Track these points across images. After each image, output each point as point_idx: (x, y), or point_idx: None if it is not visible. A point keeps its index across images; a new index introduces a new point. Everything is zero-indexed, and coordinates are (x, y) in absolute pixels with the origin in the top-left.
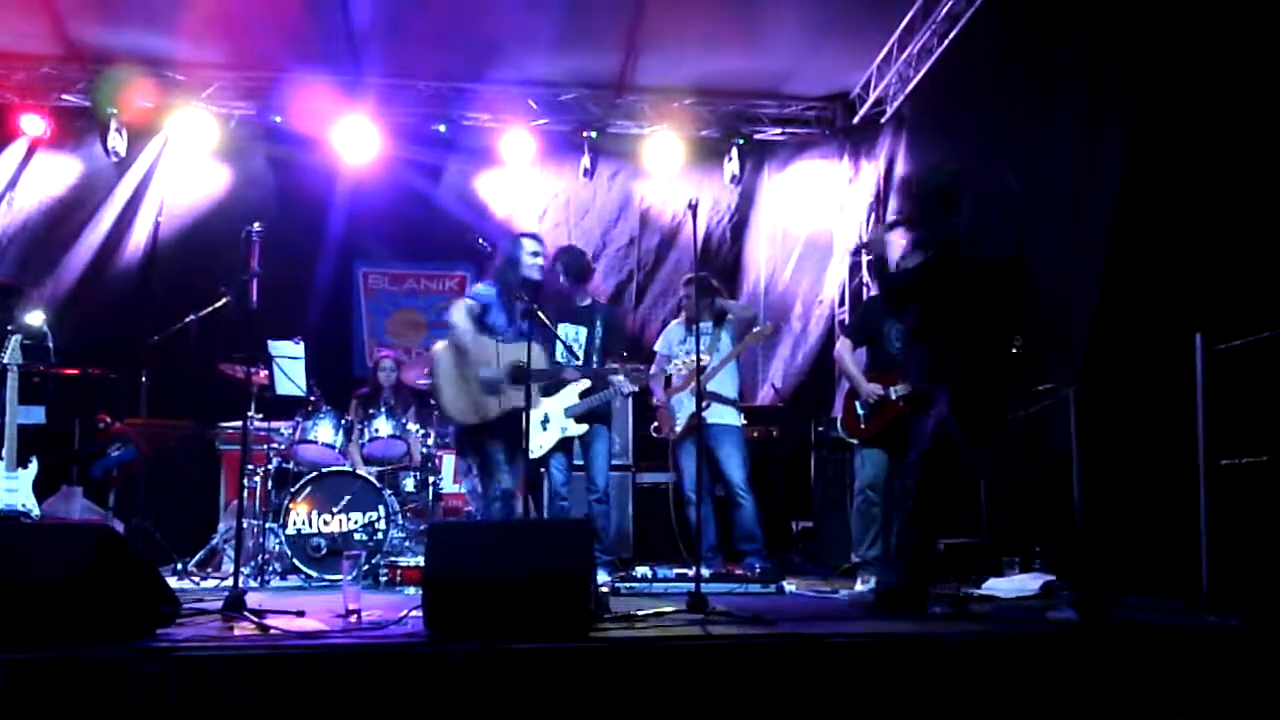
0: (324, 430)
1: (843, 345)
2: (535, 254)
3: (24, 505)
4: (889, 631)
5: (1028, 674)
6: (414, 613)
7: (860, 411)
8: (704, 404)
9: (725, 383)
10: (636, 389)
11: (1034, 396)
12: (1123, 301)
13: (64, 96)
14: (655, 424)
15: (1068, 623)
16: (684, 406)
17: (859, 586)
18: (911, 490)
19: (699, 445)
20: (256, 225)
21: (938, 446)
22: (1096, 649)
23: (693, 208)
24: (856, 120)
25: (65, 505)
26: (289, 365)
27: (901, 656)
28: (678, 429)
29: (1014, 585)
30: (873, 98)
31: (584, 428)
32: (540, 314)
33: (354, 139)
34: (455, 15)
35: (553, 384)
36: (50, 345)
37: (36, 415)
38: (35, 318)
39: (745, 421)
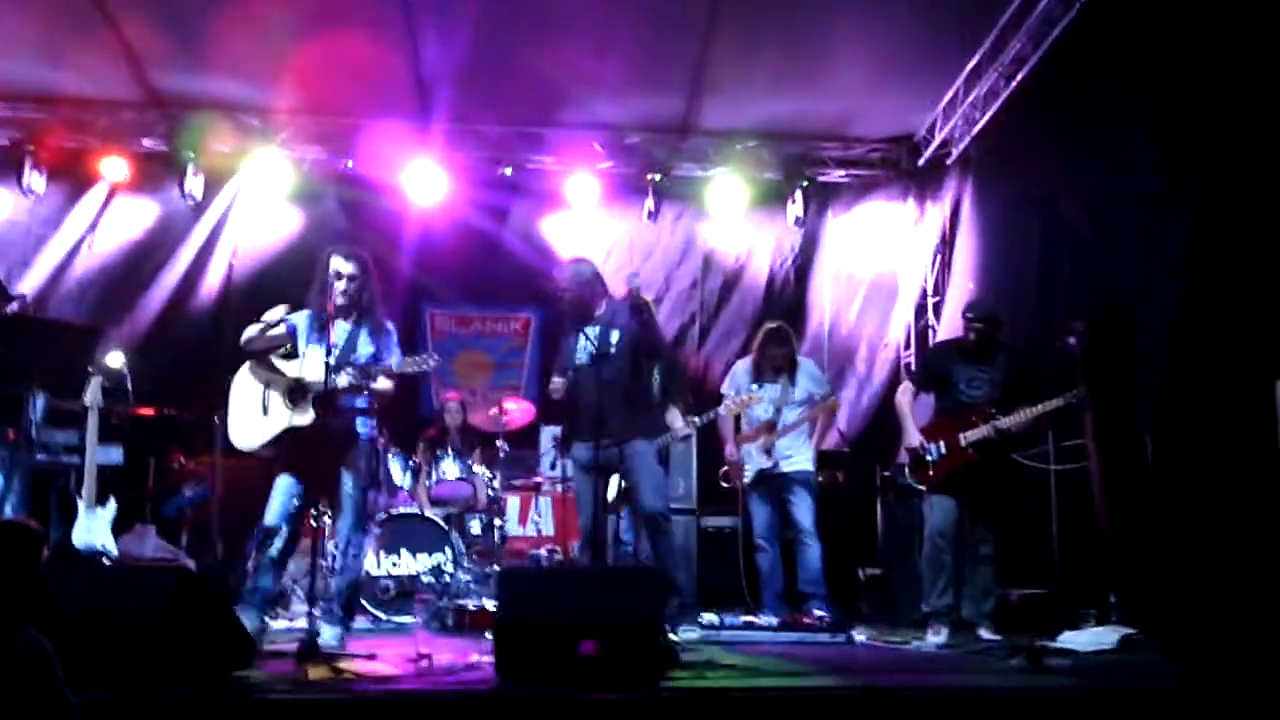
0: (392, 471)
1: (904, 390)
2: (338, 273)
3: (102, 545)
4: (964, 685)
5: None
6: (484, 658)
7: (929, 458)
8: (775, 461)
9: (799, 437)
10: (693, 432)
11: None
12: (1198, 346)
13: (143, 141)
14: (724, 470)
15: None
16: (753, 459)
17: (930, 637)
18: None
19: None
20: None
21: None
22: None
23: None
24: (922, 162)
25: (139, 544)
26: None
27: (978, 711)
28: (746, 479)
29: (1091, 639)
30: (938, 139)
31: None
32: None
33: (422, 183)
34: (522, 61)
35: None
36: (129, 386)
37: (115, 455)
38: (115, 359)
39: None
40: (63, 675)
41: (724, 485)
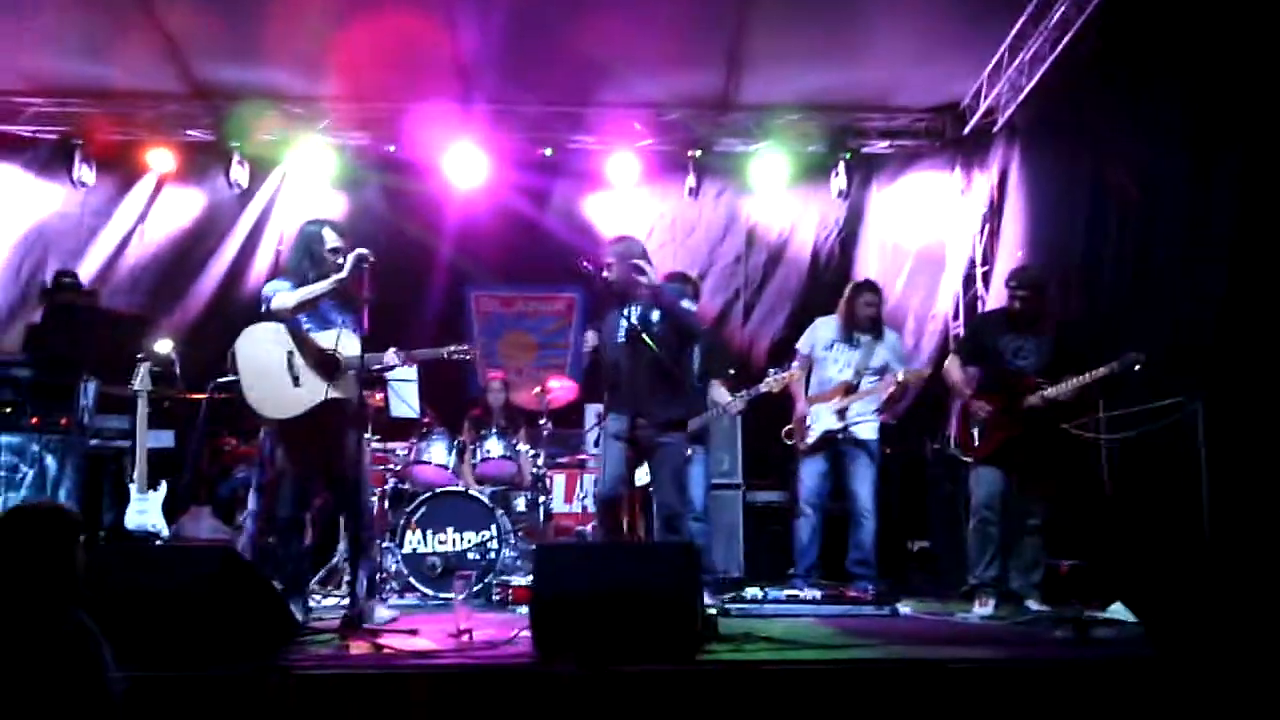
0: (437, 451)
1: (952, 361)
2: (335, 249)
3: (154, 526)
4: (1006, 657)
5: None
6: (524, 633)
7: (974, 429)
8: (845, 425)
9: (871, 404)
10: (744, 408)
11: (1159, 412)
12: (1250, 309)
13: (189, 132)
14: (788, 429)
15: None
16: (820, 419)
17: (977, 609)
18: None
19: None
20: (366, 252)
21: None
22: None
23: None
24: (967, 131)
25: (194, 525)
26: (403, 388)
27: (1019, 682)
28: (809, 440)
29: None
30: (983, 107)
31: (686, 453)
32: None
33: (463, 165)
34: (559, 41)
35: None
36: (177, 372)
37: (166, 439)
38: (163, 345)
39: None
40: (110, 655)
41: (787, 443)
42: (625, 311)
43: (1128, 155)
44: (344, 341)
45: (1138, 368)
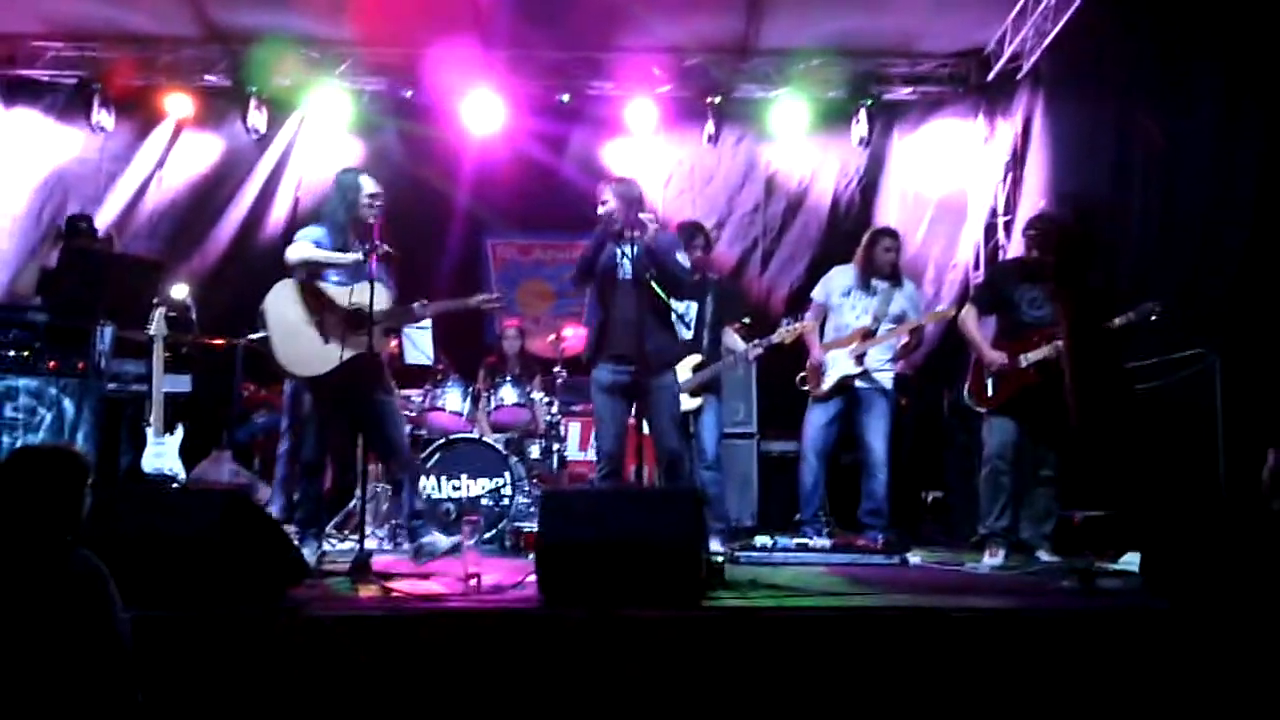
0: (452, 398)
1: (968, 312)
2: (374, 195)
3: (171, 469)
4: (1009, 606)
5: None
6: (531, 578)
7: (988, 379)
8: (863, 370)
9: (886, 349)
10: (761, 351)
11: (1176, 364)
12: (1270, 265)
13: (206, 77)
14: (802, 376)
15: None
16: (836, 364)
17: (987, 559)
18: None
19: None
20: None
21: None
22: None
23: None
24: (991, 77)
25: (215, 469)
26: (417, 335)
27: (1019, 630)
28: (824, 387)
29: None
30: (1008, 53)
31: (698, 401)
32: (388, 252)
33: (481, 112)
34: None
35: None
36: (194, 317)
37: (182, 384)
38: (179, 291)
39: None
40: (115, 592)
41: (802, 389)
42: (624, 250)
43: (1153, 104)
44: (375, 294)
45: (1154, 318)
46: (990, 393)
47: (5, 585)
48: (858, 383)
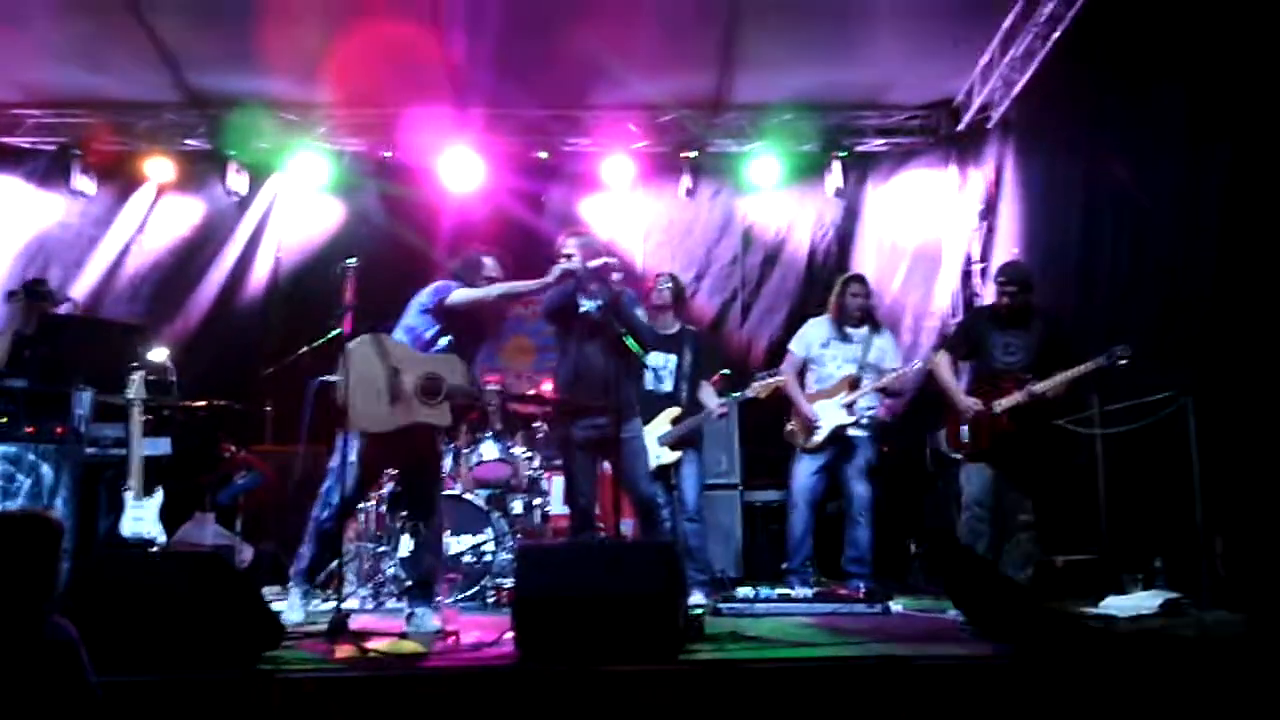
0: None
1: (942, 358)
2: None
3: (149, 533)
4: (978, 654)
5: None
6: (506, 634)
7: (963, 426)
8: (855, 419)
9: (873, 397)
10: (726, 411)
11: (1151, 406)
12: (1239, 304)
13: (185, 141)
14: (790, 429)
15: None
16: (826, 415)
17: None
18: None
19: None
20: (351, 260)
21: None
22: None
23: None
24: (961, 127)
25: (198, 531)
26: None
27: (988, 679)
28: (816, 439)
29: (1133, 603)
30: (977, 104)
31: (677, 454)
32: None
33: (459, 170)
34: (552, 44)
35: (646, 413)
36: (173, 380)
37: (162, 446)
38: (158, 354)
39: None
40: (87, 659)
41: (791, 442)
42: (590, 303)
43: (1121, 150)
44: (451, 366)
45: (1124, 362)
46: (966, 439)
47: None
48: (850, 431)
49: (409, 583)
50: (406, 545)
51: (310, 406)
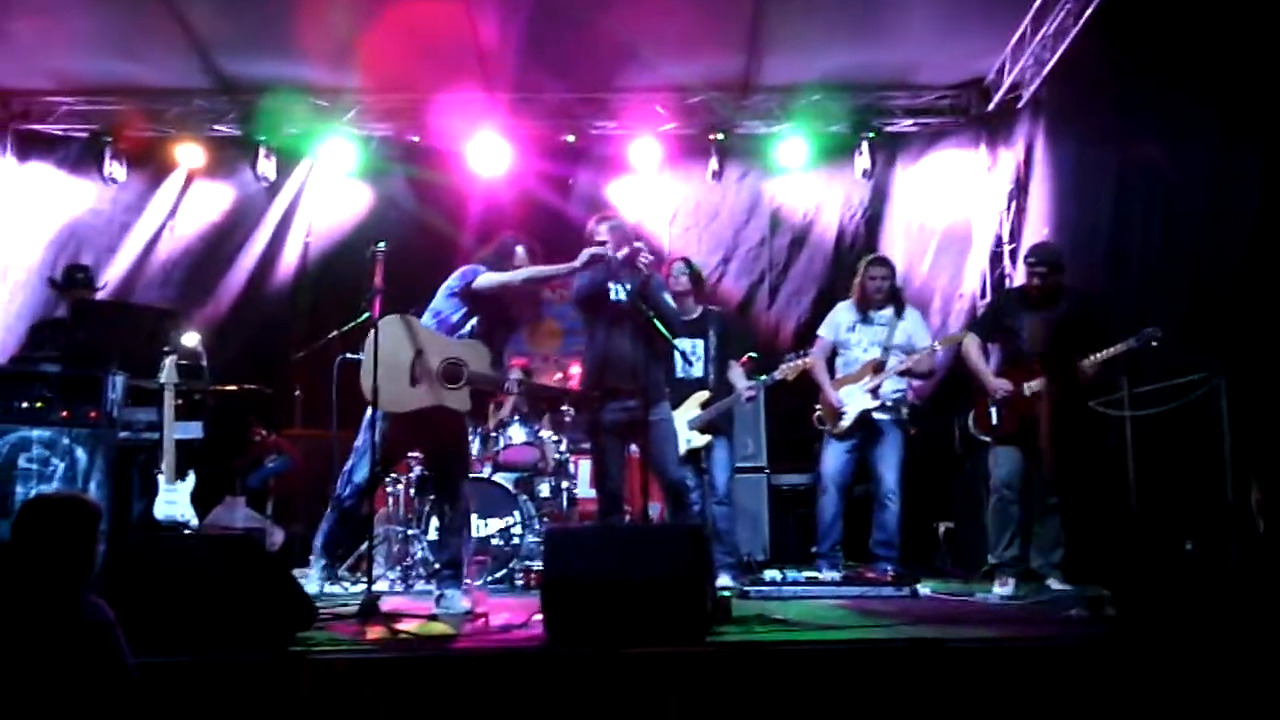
0: None
1: (970, 340)
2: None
3: (183, 516)
4: (1008, 636)
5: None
6: (535, 616)
7: (992, 408)
8: (880, 402)
9: (901, 382)
10: (755, 394)
11: (1183, 388)
12: (1273, 285)
13: (216, 127)
14: (818, 414)
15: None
16: (852, 400)
17: (997, 589)
18: None
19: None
20: (381, 245)
21: None
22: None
23: None
24: (992, 107)
25: (229, 515)
26: None
27: (1020, 662)
28: (844, 424)
29: None
30: (1008, 83)
31: (707, 438)
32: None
33: (487, 154)
34: (580, 27)
35: (676, 398)
36: (204, 364)
37: (194, 430)
38: (190, 339)
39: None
40: (124, 640)
41: (819, 428)
42: (620, 286)
43: (1152, 127)
44: (475, 352)
45: (1155, 343)
46: (995, 422)
47: (18, 633)
48: (875, 414)
49: (437, 565)
50: (435, 528)
51: (336, 385)
